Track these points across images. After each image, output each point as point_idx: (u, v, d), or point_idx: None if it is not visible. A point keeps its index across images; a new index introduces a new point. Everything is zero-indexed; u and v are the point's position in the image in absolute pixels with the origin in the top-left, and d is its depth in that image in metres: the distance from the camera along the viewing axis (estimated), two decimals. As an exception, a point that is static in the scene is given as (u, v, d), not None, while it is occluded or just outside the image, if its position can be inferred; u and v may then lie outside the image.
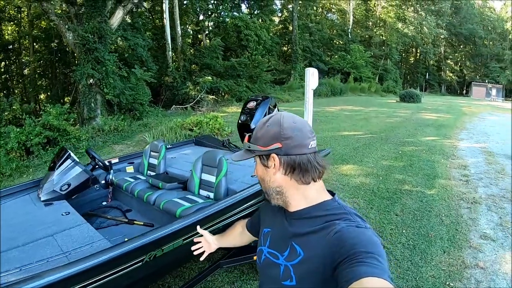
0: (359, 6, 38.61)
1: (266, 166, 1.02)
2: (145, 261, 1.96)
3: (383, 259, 0.83)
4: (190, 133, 8.63)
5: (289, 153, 0.97)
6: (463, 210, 4.59)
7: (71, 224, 2.46)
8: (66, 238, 2.23)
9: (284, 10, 32.81)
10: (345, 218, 0.94)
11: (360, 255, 0.81)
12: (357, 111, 16.72)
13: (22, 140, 7.91)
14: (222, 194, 2.92)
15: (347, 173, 6.16)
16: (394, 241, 3.72)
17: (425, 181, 5.78)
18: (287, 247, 1.01)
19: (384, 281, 0.75)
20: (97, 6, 10.47)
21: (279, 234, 1.08)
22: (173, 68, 17.89)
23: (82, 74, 10.34)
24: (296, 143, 0.97)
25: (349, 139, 9.20)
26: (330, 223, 0.93)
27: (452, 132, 11.00)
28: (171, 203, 2.85)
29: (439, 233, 3.91)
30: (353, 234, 0.88)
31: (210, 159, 3.09)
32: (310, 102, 4.14)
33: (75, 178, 3.19)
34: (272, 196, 1.05)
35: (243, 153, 1.09)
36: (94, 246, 2.12)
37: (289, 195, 1.02)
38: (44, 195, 3.04)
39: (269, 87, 22.58)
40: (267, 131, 1.00)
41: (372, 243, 0.86)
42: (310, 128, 1.03)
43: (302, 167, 0.98)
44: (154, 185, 3.39)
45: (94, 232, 2.35)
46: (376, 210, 4.55)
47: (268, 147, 0.99)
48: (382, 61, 36.98)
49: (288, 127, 0.98)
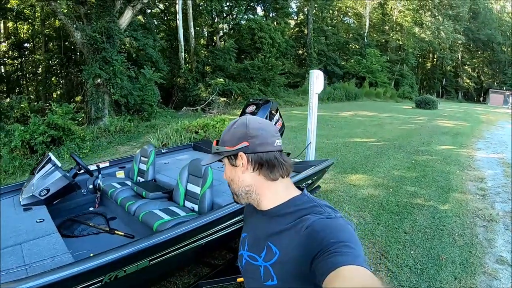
0: (375, 10, 38.07)
1: (234, 166, 1.04)
2: (104, 282, 1.79)
3: (356, 244, 0.83)
4: (195, 136, 8.42)
5: (256, 150, 1.00)
6: (478, 229, 4.18)
7: (42, 233, 2.36)
8: (32, 248, 2.14)
9: (300, 13, 32.60)
10: (315, 211, 0.95)
11: (333, 246, 0.82)
12: (371, 117, 16.32)
13: (26, 138, 7.82)
14: (206, 207, 2.68)
15: (355, 183, 5.81)
16: (400, 263, 3.36)
17: (439, 194, 5.38)
18: (263, 248, 1.02)
19: (360, 267, 0.75)
20: (106, 6, 10.39)
21: (254, 236, 1.10)
22: (185, 70, 17.80)
23: (90, 74, 10.25)
24: (262, 141, 1.01)
25: (360, 146, 8.86)
26: (301, 219, 0.95)
27: (468, 141, 10.50)
28: (150, 215, 2.63)
29: (451, 255, 3.52)
30: (324, 226, 0.89)
31: (196, 168, 2.83)
32: (314, 107, 3.86)
33: (55, 184, 3.01)
34: (241, 196, 1.06)
35: (212, 156, 1.11)
36: (55, 260, 1.99)
37: (259, 193, 1.04)
38: (24, 200, 2.93)
39: (283, 90, 22.40)
40: (234, 133, 1.03)
41: (343, 232, 0.87)
42: (275, 128, 1.08)
43: (270, 163, 1.01)
44: (138, 193, 3.16)
45: (61, 244, 2.22)
46: (384, 226, 4.18)
47: (236, 147, 1.01)
48: (398, 66, 36.30)
49: (253, 127, 1.02)
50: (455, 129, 13.08)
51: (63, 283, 1.62)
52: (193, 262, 2.89)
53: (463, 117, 18.45)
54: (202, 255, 2.66)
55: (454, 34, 38.61)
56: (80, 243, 2.86)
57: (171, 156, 4.53)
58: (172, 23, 21.31)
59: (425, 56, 45.80)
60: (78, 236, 3.01)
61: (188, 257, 2.44)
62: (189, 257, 2.47)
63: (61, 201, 3.37)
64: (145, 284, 2.34)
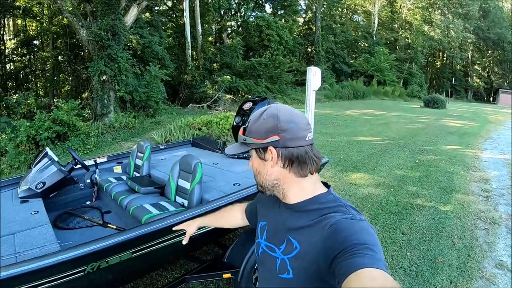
0: (384, 7, 37.66)
1: (263, 159, 1.01)
2: (86, 271, 1.85)
3: (378, 249, 0.83)
4: (198, 133, 8.45)
5: (287, 145, 0.96)
6: (479, 231, 4.09)
7: (35, 224, 2.44)
8: (24, 238, 2.22)
9: (308, 10, 32.44)
10: (340, 211, 0.94)
11: (355, 247, 0.81)
12: (378, 115, 16.18)
13: (32, 134, 7.96)
14: (194, 203, 2.69)
15: (356, 182, 5.77)
16: (394, 264, 3.31)
17: (441, 195, 5.28)
18: (283, 241, 1.01)
19: (381, 271, 0.75)
20: (111, 3, 10.45)
21: (275, 227, 1.08)
22: (192, 67, 17.84)
23: (95, 71, 10.34)
24: (293, 136, 0.96)
25: (364, 145, 8.79)
26: (325, 216, 0.93)
27: (475, 141, 10.33)
28: (140, 209, 2.66)
29: (449, 258, 3.44)
30: (348, 227, 0.88)
31: (187, 164, 2.84)
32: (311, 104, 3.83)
33: (51, 177, 3.07)
34: (267, 189, 1.05)
35: (239, 146, 1.07)
36: (44, 250, 2.06)
37: (286, 188, 1.02)
38: (21, 192, 3.00)
39: (290, 88, 22.30)
40: (263, 124, 0.99)
41: (367, 234, 0.86)
42: (307, 120, 1.02)
43: (300, 159, 0.97)
44: (131, 187, 3.19)
45: (51, 234, 2.30)
46: (381, 226, 4.14)
47: (265, 140, 0.98)
48: (407, 65, 35.86)
49: (284, 120, 0.97)
50: (463, 129, 12.91)
51: (47, 270, 1.68)
52: (180, 257, 2.92)
53: (472, 117, 18.18)
54: (190, 249, 2.67)
55: (464, 32, 37.98)
56: (73, 235, 2.92)
57: (169, 152, 4.56)
58: (179, 20, 21.40)
59: (434, 55, 45.17)
60: (73, 228, 3.08)
61: (174, 251, 2.46)
62: (175, 251, 2.49)
63: (59, 195, 3.44)
64: (129, 276, 2.38)
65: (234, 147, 1.10)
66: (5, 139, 8.04)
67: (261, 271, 1.14)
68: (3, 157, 7.86)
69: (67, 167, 3.26)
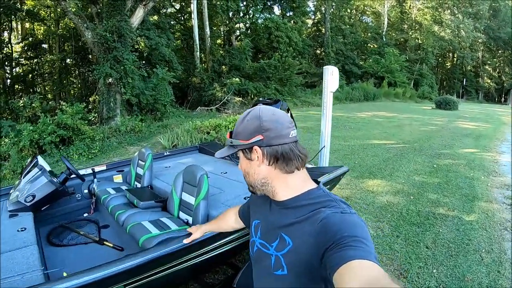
0: (394, 8, 37.19)
1: (249, 159, 1.04)
2: None
3: (369, 241, 0.84)
4: (206, 137, 8.15)
5: (271, 143, 1.00)
6: (506, 243, 3.72)
7: (20, 244, 2.17)
8: (6, 261, 1.96)
9: (317, 12, 32.18)
10: (331, 205, 0.96)
11: (345, 240, 0.83)
12: (390, 117, 15.76)
13: (35, 138, 7.74)
14: (200, 221, 2.36)
15: (373, 189, 5.41)
16: (421, 284, 2.96)
17: (463, 203, 4.91)
18: (276, 238, 1.03)
19: (371, 262, 0.76)
20: (117, 4, 10.23)
21: (268, 225, 1.10)
22: (201, 69, 17.64)
23: (101, 73, 10.11)
24: (277, 134, 1.00)
25: (379, 149, 8.42)
26: (316, 211, 0.95)
27: (492, 143, 9.93)
28: (138, 228, 2.35)
29: (478, 275, 3.08)
30: (338, 220, 0.90)
31: (191, 176, 2.50)
32: (329, 107, 3.50)
33: (41, 189, 2.77)
34: (257, 188, 1.08)
35: (226, 149, 1.10)
36: (24, 279, 1.80)
37: (275, 185, 1.05)
38: (10, 205, 2.73)
39: (300, 90, 22.02)
40: (248, 125, 1.03)
41: (357, 227, 0.88)
42: (289, 118, 1.05)
43: (285, 156, 1.00)
44: (130, 201, 2.88)
45: (36, 258, 2.02)
46: (403, 239, 3.76)
47: (250, 140, 1.01)
48: (417, 66, 35.36)
49: (267, 120, 1.01)
50: (477, 131, 12.50)
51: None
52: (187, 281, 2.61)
53: (484, 118, 17.75)
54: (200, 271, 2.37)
55: (474, 32, 37.35)
56: (66, 253, 2.65)
57: (174, 159, 4.23)
58: (187, 22, 21.25)
59: (444, 56, 44.56)
60: (67, 245, 2.80)
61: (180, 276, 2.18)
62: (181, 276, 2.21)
63: (55, 206, 3.18)
64: None
65: (222, 151, 1.12)
66: (8, 143, 7.84)
67: (256, 269, 1.14)
68: (6, 162, 7.66)
69: (60, 178, 2.96)
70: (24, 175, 2.87)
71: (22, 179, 2.84)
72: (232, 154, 3.20)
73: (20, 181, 2.88)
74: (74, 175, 3.11)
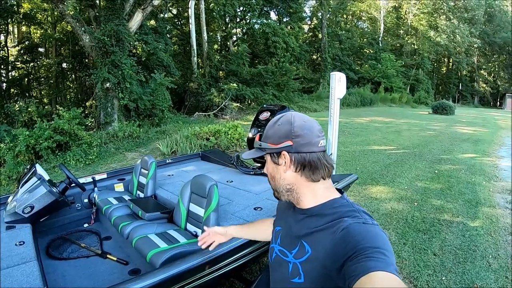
0: (390, 13, 37.43)
1: (276, 164, 1.05)
2: None
3: (390, 253, 0.83)
4: (206, 143, 8.05)
5: (300, 150, 1.01)
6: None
7: (18, 260, 2.01)
8: (4, 279, 1.81)
9: (314, 17, 32.31)
10: (353, 215, 0.96)
11: (366, 251, 0.82)
12: (388, 123, 15.78)
13: (31, 143, 7.59)
14: (210, 233, 2.23)
15: (377, 196, 5.35)
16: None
17: (467, 209, 4.88)
18: (296, 245, 1.03)
19: (391, 275, 0.75)
20: (115, 8, 10.13)
21: (288, 232, 1.10)
22: (198, 74, 17.57)
23: (98, 78, 10.00)
24: (306, 141, 1.01)
25: (379, 155, 8.38)
26: (338, 221, 0.95)
27: (491, 148, 9.94)
28: (144, 241, 2.23)
29: (487, 282, 3.05)
30: (360, 231, 0.89)
31: (200, 186, 2.39)
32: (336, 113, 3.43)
33: (40, 200, 2.61)
34: (282, 194, 1.08)
35: (254, 151, 1.11)
36: None
37: (300, 193, 1.05)
38: (7, 216, 2.58)
39: (297, 95, 22.08)
40: (278, 130, 1.04)
41: (378, 238, 0.86)
42: (320, 127, 1.07)
43: (312, 164, 1.01)
44: (134, 212, 2.77)
45: (37, 276, 1.86)
46: (410, 247, 3.70)
47: (279, 145, 1.03)
48: (413, 71, 35.52)
49: (298, 126, 1.02)
50: (475, 135, 12.52)
51: None
52: None
53: (481, 123, 17.85)
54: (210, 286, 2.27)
55: (469, 37, 37.60)
56: (67, 268, 2.50)
57: (176, 167, 4.12)
58: (185, 27, 21.26)
59: (440, 61, 44.90)
60: (67, 258, 2.64)
61: None
62: None
63: (53, 216, 3.03)
64: None
65: (250, 152, 1.13)
66: (3, 149, 7.69)
67: (273, 275, 1.13)
68: (1, 168, 7.51)
69: (59, 187, 2.83)
70: (22, 185, 2.72)
71: (20, 188, 2.70)
72: (237, 161, 3.11)
73: (18, 190, 2.74)
74: (74, 184, 2.99)
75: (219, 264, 1.79)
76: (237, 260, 1.88)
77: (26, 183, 2.70)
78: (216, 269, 1.79)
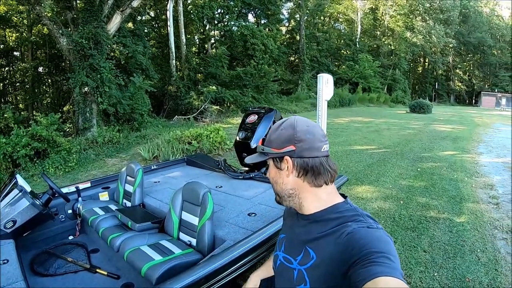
0: (367, 15, 38.04)
1: (279, 168, 1.04)
2: None
3: (395, 258, 0.83)
4: (188, 147, 7.94)
5: (302, 155, 0.99)
6: (499, 242, 3.82)
7: (4, 282, 1.85)
8: None
9: (291, 19, 32.49)
10: (357, 220, 0.94)
11: (372, 255, 0.81)
12: (367, 122, 16.01)
13: (8, 151, 7.28)
14: (206, 243, 2.17)
15: (363, 195, 5.39)
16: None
17: (452, 205, 4.98)
18: (300, 251, 1.01)
19: (397, 280, 0.75)
20: (93, 10, 9.89)
21: (293, 239, 1.09)
22: (177, 77, 17.39)
23: (77, 82, 9.71)
24: (309, 146, 0.99)
25: (361, 155, 8.46)
26: (342, 226, 0.94)
27: (469, 145, 10.22)
28: (137, 254, 2.13)
29: (477, 275, 3.13)
30: (364, 235, 0.88)
31: (192, 194, 2.31)
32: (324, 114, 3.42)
33: (22, 214, 2.47)
34: (284, 199, 1.07)
35: (257, 156, 1.10)
36: None
37: (302, 198, 1.03)
38: None
39: (276, 97, 22.15)
40: (281, 134, 1.03)
41: (384, 243, 0.86)
42: (323, 132, 1.05)
43: (315, 169, 0.99)
44: (123, 222, 2.66)
45: None
46: (400, 244, 3.74)
47: (282, 150, 1.01)
48: (390, 71, 36.22)
49: (301, 130, 1.01)
50: (454, 133, 12.84)
51: None
52: None
53: (459, 121, 18.33)
54: None
55: (445, 38, 38.75)
56: (54, 285, 2.37)
57: (162, 173, 4.01)
58: (163, 30, 21.03)
59: (416, 61, 46.06)
60: (54, 274, 2.50)
61: None
62: None
63: (36, 230, 2.88)
64: None
65: (253, 157, 1.11)
66: (-21, 157, 7.35)
67: (278, 283, 1.12)
68: (-23, 177, 7.18)
69: (42, 198, 2.68)
70: (2, 198, 2.58)
71: (0, 202, 2.56)
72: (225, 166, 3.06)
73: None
74: (58, 195, 2.85)
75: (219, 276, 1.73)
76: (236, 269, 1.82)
77: (7, 196, 2.55)
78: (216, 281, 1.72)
